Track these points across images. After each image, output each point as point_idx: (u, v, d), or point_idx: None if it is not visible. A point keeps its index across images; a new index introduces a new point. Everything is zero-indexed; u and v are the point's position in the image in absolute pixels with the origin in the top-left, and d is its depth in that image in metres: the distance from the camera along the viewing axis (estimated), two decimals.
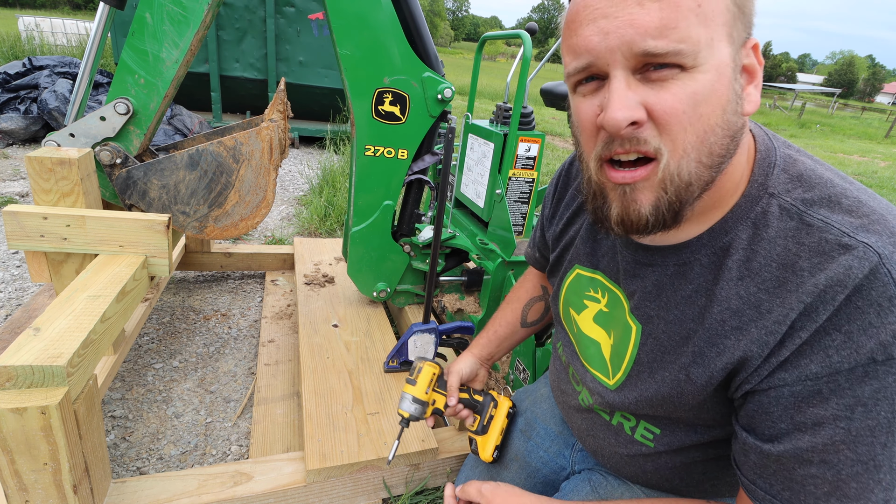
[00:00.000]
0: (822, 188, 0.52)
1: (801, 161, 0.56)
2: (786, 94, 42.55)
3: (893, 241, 0.46)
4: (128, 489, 1.02)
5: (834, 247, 0.48)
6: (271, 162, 1.39)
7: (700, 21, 0.45)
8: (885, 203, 0.52)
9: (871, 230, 0.47)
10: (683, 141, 0.48)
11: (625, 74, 0.48)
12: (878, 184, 6.91)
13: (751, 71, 0.52)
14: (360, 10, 1.36)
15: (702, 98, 0.47)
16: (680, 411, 0.64)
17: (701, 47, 0.46)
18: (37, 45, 6.86)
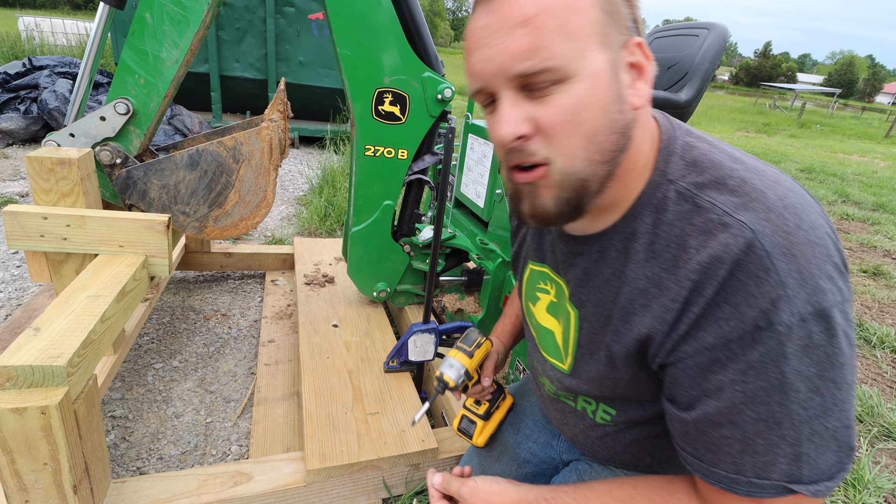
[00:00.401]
0: (712, 171, 0.56)
1: (698, 147, 0.60)
2: (786, 94, 42.57)
3: (768, 217, 0.50)
4: (128, 489, 1.02)
5: (716, 225, 0.52)
6: (271, 162, 1.39)
7: (567, 38, 0.50)
8: (772, 179, 0.54)
9: (749, 207, 0.51)
10: (571, 146, 0.53)
11: (511, 94, 0.54)
12: (878, 184, 6.91)
13: (638, 67, 0.56)
14: (360, 10, 1.36)
15: (582, 105, 0.52)
16: (620, 389, 0.68)
17: (571, 60, 0.50)
18: (37, 45, 6.86)
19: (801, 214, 0.51)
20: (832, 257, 0.50)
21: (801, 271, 0.48)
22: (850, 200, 5.65)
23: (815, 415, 0.50)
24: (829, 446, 0.51)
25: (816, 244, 0.50)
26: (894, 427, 1.75)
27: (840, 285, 0.50)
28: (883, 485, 1.47)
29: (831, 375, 0.49)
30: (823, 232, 0.51)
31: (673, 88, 1.81)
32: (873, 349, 2.34)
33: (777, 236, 0.49)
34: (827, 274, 0.49)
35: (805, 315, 0.48)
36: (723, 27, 1.79)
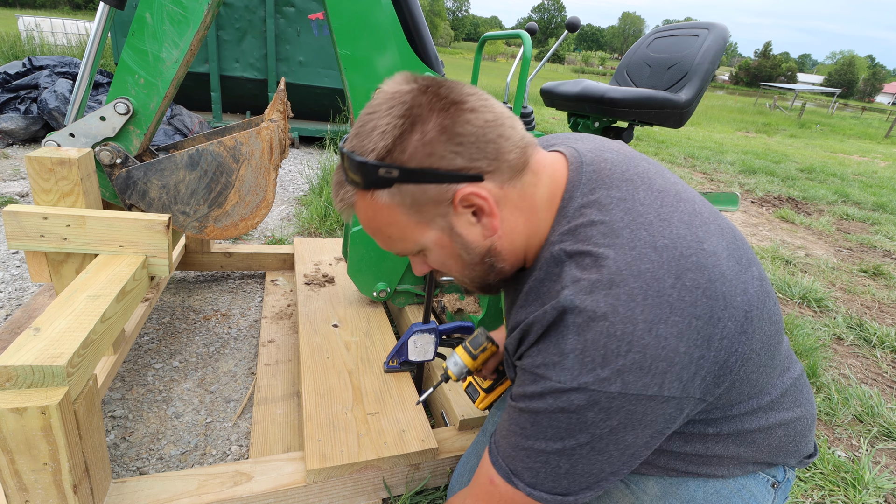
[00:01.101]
0: (581, 243, 0.63)
1: (587, 213, 0.66)
2: (786, 94, 42.55)
3: (585, 300, 0.58)
4: (128, 489, 1.02)
5: (554, 294, 0.63)
6: (271, 162, 1.39)
7: (397, 240, 0.68)
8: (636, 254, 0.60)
9: (579, 286, 0.60)
10: (454, 274, 0.74)
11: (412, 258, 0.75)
12: (878, 184, 6.91)
13: (477, 208, 0.65)
14: (360, 10, 1.36)
15: (441, 260, 0.70)
16: None
17: (413, 246, 0.69)
18: (37, 45, 6.86)
19: (622, 307, 0.57)
20: (639, 353, 0.56)
21: (584, 353, 0.58)
22: (850, 200, 5.65)
23: (550, 451, 0.62)
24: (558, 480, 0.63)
25: (618, 338, 0.56)
26: (894, 427, 1.75)
27: (629, 380, 0.57)
28: (883, 485, 1.47)
29: (577, 436, 0.60)
30: (644, 328, 0.56)
31: (673, 88, 1.81)
32: (873, 349, 2.34)
33: (581, 317, 0.58)
34: (616, 367, 0.56)
35: (568, 388, 0.58)
36: (723, 27, 1.79)
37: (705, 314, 0.58)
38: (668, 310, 0.57)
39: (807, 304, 2.74)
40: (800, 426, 0.77)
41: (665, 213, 0.63)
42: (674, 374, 0.57)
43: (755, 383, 0.68)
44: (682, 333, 0.57)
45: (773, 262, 3.37)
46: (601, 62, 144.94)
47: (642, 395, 0.57)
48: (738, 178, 6.29)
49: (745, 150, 8.89)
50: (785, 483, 0.81)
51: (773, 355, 0.68)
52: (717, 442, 0.72)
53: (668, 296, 0.57)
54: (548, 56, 2.56)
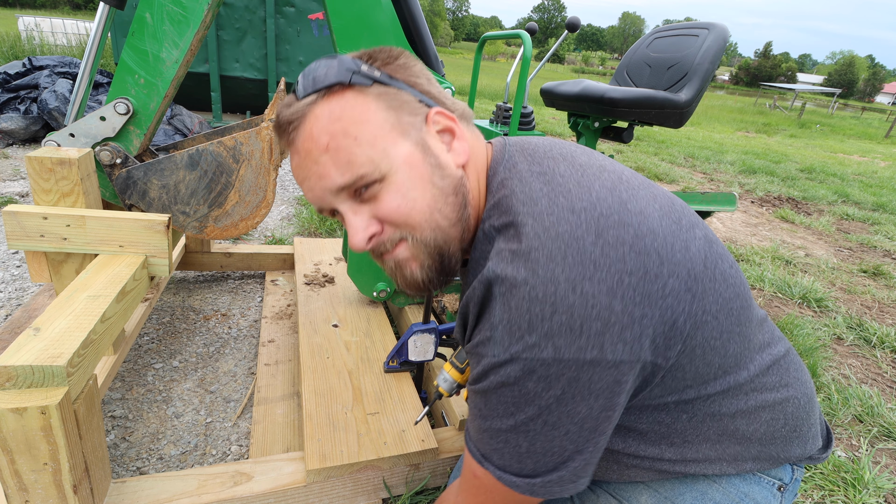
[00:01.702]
0: (504, 216, 0.62)
1: (507, 184, 0.65)
2: (786, 94, 42.55)
3: (507, 269, 0.57)
4: (128, 489, 1.02)
5: (484, 270, 0.61)
6: (271, 162, 1.39)
7: (365, 147, 0.59)
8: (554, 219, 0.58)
9: (500, 257, 0.58)
10: (416, 221, 0.62)
11: (348, 205, 0.63)
12: (878, 184, 6.91)
13: (448, 130, 0.64)
14: (360, 10, 1.36)
15: (406, 188, 0.61)
16: None
17: (378, 162, 0.60)
18: (37, 45, 6.86)
19: (541, 269, 0.55)
20: (566, 314, 0.53)
21: (510, 322, 0.56)
22: (850, 200, 5.65)
23: (506, 429, 0.61)
24: (522, 459, 0.61)
25: (540, 301, 0.54)
26: (894, 427, 1.75)
27: (561, 343, 0.54)
28: (883, 485, 1.47)
29: (525, 409, 0.58)
30: (567, 287, 0.54)
31: (673, 88, 1.81)
32: (873, 349, 2.34)
33: (503, 286, 0.57)
34: (543, 331, 0.54)
35: (502, 360, 0.57)
36: (723, 27, 1.79)
37: (638, 270, 0.55)
38: (592, 266, 0.54)
39: (807, 304, 2.74)
40: (790, 408, 0.71)
41: (585, 182, 0.62)
42: (614, 334, 0.54)
43: (724, 353, 0.64)
44: (614, 290, 0.54)
45: (773, 262, 3.37)
46: (601, 62, 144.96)
47: (581, 360, 0.54)
48: (738, 178, 6.29)
49: (745, 150, 8.89)
50: (792, 484, 0.77)
51: (738, 322, 0.65)
52: (694, 429, 0.69)
53: (590, 253, 0.55)
54: (548, 56, 2.57)
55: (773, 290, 2.87)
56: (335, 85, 0.61)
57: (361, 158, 0.59)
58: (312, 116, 0.61)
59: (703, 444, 0.70)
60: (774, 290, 2.87)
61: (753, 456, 0.73)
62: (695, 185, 5.60)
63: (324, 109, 0.60)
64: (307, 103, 0.61)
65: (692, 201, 2.18)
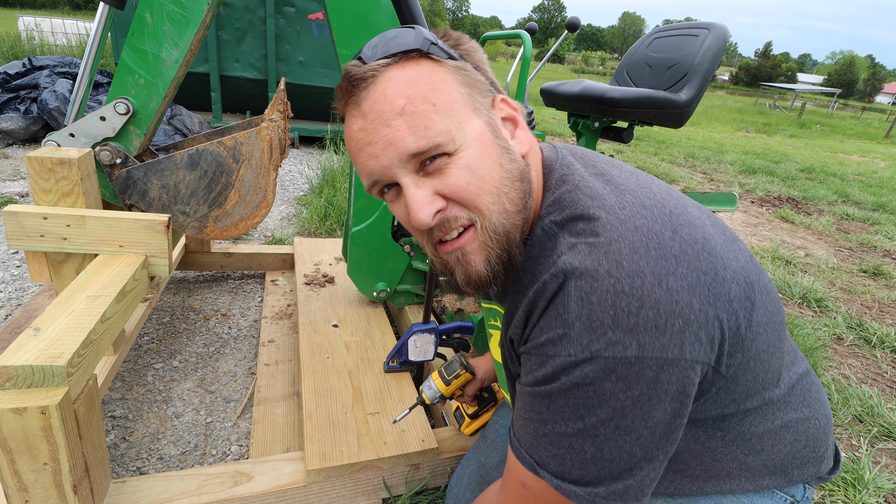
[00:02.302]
0: (570, 209, 0.60)
1: (569, 180, 0.63)
2: (786, 94, 42.55)
3: (587, 262, 0.54)
4: (128, 489, 1.02)
5: (550, 265, 0.58)
6: (271, 162, 1.39)
7: (442, 115, 0.56)
8: (629, 216, 0.56)
9: (578, 250, 0.55)
10: (483, 203, 0.58)
11: (411, 178, 0.58)
12: (878, 184, 6.91)
13: (511, 119, 0.63)
14: (360, 10, 1.36)
15: (477, 166, 0.57)
16: None
17: (454, 134, 0.56)
18: (37, 45, 6.85)
19: (625, 260, 0.52)
20: (652, 310, 0.51)
21: (591, 318, 0.52)
22: (850, 200, 5.65)
23: (572, 433, 0.56)
24: (586, 466, 0.56)
25: (626, 294, 0.51)
26: (894, 427, 1.75)
27: (645, 340, 0.51)
28: (883, 485, 1.47)
29: (597, 412, 0.54)
30: (653, 281, 0.51)
31: (673, 88, 1.81)
32: (873, 349, 2.34)
33: (583, 280, 0.53)
34: (628, 326, 0.51)
35: (580, 359, 0.53)
36: (723, 27, 1.79)
37: (710, 270, 0.54)
38: (674, 261, 0.52)
39: (807, 304, 2.74)
40: (810, 429, 0.71)
41: (644, 183, 0.62)
42: (692, 333, 0.52)
43: (767, 368, 0.63)
44: (694, 288, 0.52)
45: (773, 262, 3.37)
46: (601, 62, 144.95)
47: (664, 359, 0.51)
48: (738, 178, 6.29)
49: (745, 150, 8.89)
50: (803, 502, 0.76)
51: (779, 337, 0.64)
52: (725, 448, 0.67)
53: (670, 248, 0.53)
54: (548, 56, 2.56)
55: None
56: (413, 51, 0.58)
57: (439, 126, 0.56)
58: (386, 78, 0.56)
59: (730, 464, 0.69)
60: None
61: (770, 473, 0.72)
62: (695, 185, 5.60)
63: (400, 73, 0.57)
64: (381, 65, 0.57)
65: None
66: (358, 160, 0.60)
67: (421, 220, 0.57)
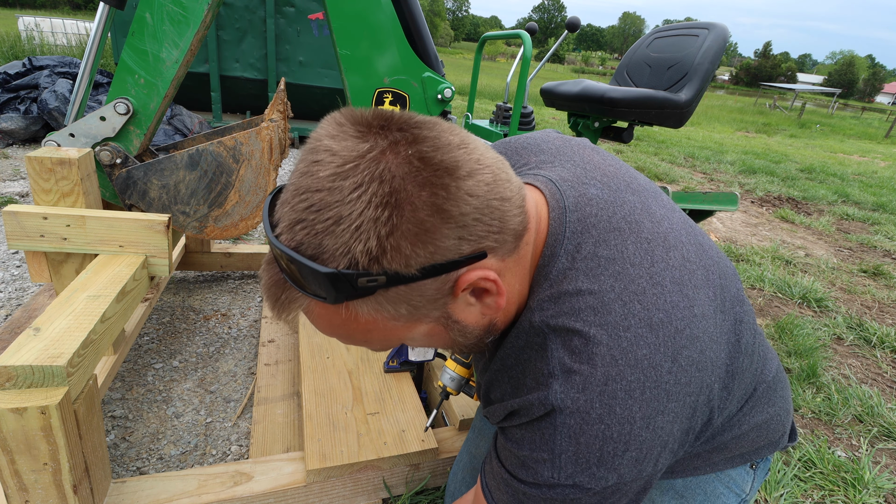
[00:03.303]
0: (566, 318, 0.56)
1: (571, 276, 0.58)
2: (786, 94, 42.55)
3: (578, 397, 0.53)
4: (128, 489, 1.02)
5: (539, 380, 0.57)
6: (271, 162, 1.39)
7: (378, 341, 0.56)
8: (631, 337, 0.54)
9: (571, 382, 0.54)
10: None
11: None
12: (878, 184, 6.91)
13: (482, 290, 0.54)
14: (360, 10, 1.36)
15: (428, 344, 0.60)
16: None
17: (400, 340, 0.57)
18: (37, 45, 6.85)
19: (618, 406, 0.53)
20: (637, 451, 0.53)
21: (577, 455, 0.53)
22: (850, 200, 5.65)
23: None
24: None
25: (614, 440, 0.53)
26: (894, 427, 1.75)
27: (625, 472, 0.54)
28: (883, 485, 1.47)
29: None
30: (642, 425, 0.53)
31: (673, 88, 1.81)
32: (873, 349, 2.34)
33: (573, 419, 0.53)
34: (612, 466, 0.53)
35: (561, 484, 0.54)
36: (723, 27, 1.79)
37: (696, 388, 0.57)
38: (666, 398, 0.54)
39: (807, 304, 2.74)
40: (772, 423, 0.77)
41: (657, 275, 0.57)
42: (669, 451, 0.56)
43: (741, 398, 0.70)
44: (678, 417, 0.55)
45: (773, 262, 3.37)
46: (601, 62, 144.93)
47: (639, 478, 0.55)
48: (738, 178, 6.30)
49: (745, 150, 8.89)
50: (763, 462, 0.83)
51: (746, 380, 0.69)
52: (693, 454, 0.74)
53: (666, 383, 0.54)
54: (548, 56, 2.57)
55: (773, 290, 2.87)
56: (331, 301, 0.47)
57: (376, 346, 0.57)
58: (309, 311, 0.52)
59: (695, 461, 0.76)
60: (774, 290, 2.87)
61: (733, 462, 0.79)
62: (695, 185, 5.60)
63: (318, 312, 0.51)
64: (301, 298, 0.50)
65: (693, 201, 2.18)
66: None
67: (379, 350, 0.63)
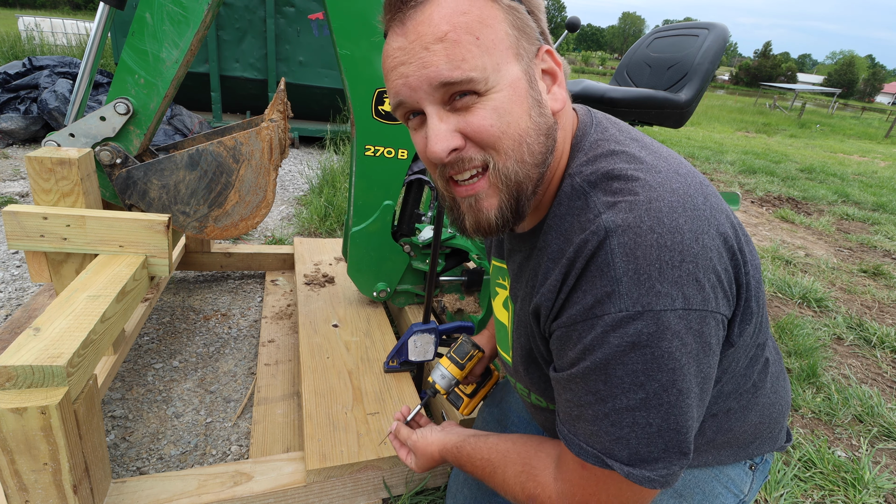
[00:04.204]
0: (606, 169, 0.60)
1: (604, 143, 0.63)
2: (786, 94, 42.54)
3: (628, 218, 0.54)
4: (128, 489, 1.02)
5: (587, 223, 0.57)
6: (271, 162, 1.39)
7: (483, 52, 0.54)
8: (664, 178, 0.58)
9: (617, 207, 0.55)
10: (502, 147, 0.57)
11: (436, 109, 0.57)
12: (878, 184, 6.91)
13: (551, 73, 0.61)
14: (360, 9, 1.36)
15: (505, 111, 0.56)
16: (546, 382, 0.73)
17: (489, 73, 0.54)
18: (37, 45, 6.85)
19: (666, 217, 0.54)
20: (692, 264, 0.53)
21: (638, 272, 0.52)
22: (850, 200, 5.65)
23: (634, 406, 0.54)
24: (653, 441, 0.55)
25: (669, 248, 0.52)
26: (894, 427, 1.75)
27: (689, 293, 0.52)
28: (883, 485, 1.48)
29: (657, 376, 0.53)
30: (691, 237, 0.53)
31: (673, 88, 1.81)
32: (873, 349, 2.34)
33: (626, 236, 0.53)
34: (673, 279, 0.52)
35: (632, 313, 0.52)
36: (723, 27, 1.79)
37: (731, 236, 0.58)
38: (706, 223, 0.55)
39: (807, 304, 2.74)
40: (774, 413, 0.77)
41: (674, 155, 0.65)
42: (723, 289, 0.55)
43: (760, 326, 0.67)
44: (720, 249, 0.56)
45: (773, 262, 3.37)
46: (601, 62, 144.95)
47: (706, 311, 0.53)
48: (738, 178, 6.30)
49: (745, 150, 8.89)
50: (763, 465, 0.81)
51: (764, 300, 0.68)
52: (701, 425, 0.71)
53: (703, 211, 0.56)
54: None
55: (773, 290, 2.87)
56: None
57: (477, 62, 0.54)
58: (437, 1, 0.54)
59: (698, 440, 0.72)
60: (774, 290, 2.87)
61: (732, 451, 0.77)
62: None
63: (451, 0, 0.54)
64: None
65: None
66: (389, 78, 0.59)
67: (436, 153, 0.57)
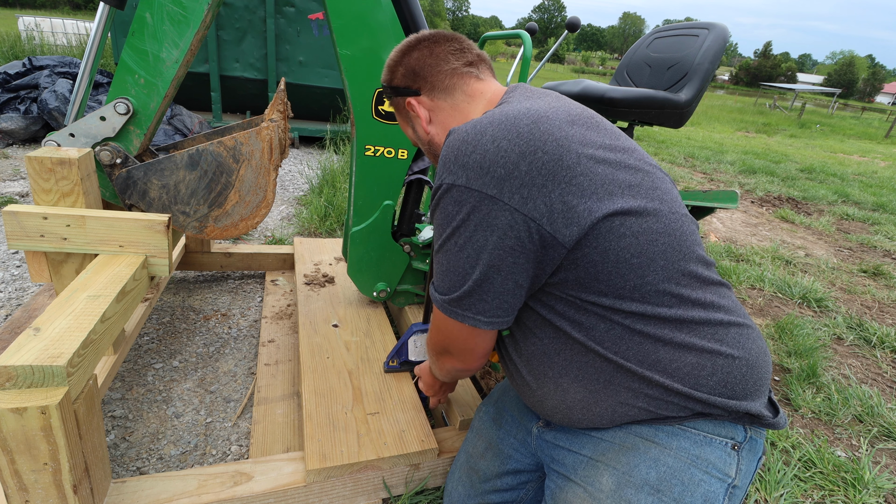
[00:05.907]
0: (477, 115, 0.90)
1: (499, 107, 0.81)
2: (786, 94, 42.54)
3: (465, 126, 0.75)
4: (128, 489, 1.02)
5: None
6: (271, 162, 1.39)
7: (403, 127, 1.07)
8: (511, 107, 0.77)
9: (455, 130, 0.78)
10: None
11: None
12: (878, 184, 6.90)
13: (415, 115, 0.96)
14: (360, 10, 1.36)
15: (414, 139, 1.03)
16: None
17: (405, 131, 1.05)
18: (37, 45, 6.85)
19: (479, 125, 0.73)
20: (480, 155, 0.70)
21: (445, 158, 0.74)
22: (850, 200, 5.65)
23: (437, 249, 0.78)
24: (443, 278, 0.78)
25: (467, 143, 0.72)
26: (894, 427, 1.75)
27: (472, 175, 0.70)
28: (883, 485, 1.47)
29: (445, 229, 0.75)
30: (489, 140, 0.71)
31: (673, 88, 1.81)
32: (873, 349, 2.34)
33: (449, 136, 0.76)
34: (461, 163, 0.71)
35: (436, 185, 0.75)
36: (723, 27, 1.79)
37: (554, 154, 0.69)
38: (516, 135, 0.70)
39: (807, 304, 2.74)
40: (720, 363, 0.75)
41: (553, 102, 0.81)
42: (513, 185, 0.69)
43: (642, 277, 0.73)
44: (525, 156, 0.69)
45: (773, 262, 3.37)
46: (601, 62, 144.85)
47: (483, 194, 0.70)
48: (738, 178, 6.29)
49: (745, 150, 8.89)
50: (749, 443, 0.78)
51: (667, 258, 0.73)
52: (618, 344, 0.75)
53: (520, 128, 0.71)
54: (548, 56, 2.56)
55: (773, 290, 2.87)
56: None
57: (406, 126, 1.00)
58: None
59: (627, 352, 0.76)
60: (774, 290, 2.87)
61: (682, 396, 0.76)
62: (695, 185, 5.60)
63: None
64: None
65: (693, 198, 2.18)
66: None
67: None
